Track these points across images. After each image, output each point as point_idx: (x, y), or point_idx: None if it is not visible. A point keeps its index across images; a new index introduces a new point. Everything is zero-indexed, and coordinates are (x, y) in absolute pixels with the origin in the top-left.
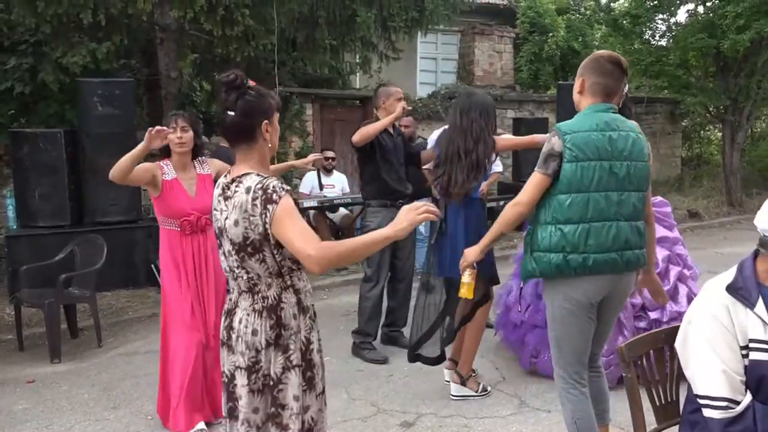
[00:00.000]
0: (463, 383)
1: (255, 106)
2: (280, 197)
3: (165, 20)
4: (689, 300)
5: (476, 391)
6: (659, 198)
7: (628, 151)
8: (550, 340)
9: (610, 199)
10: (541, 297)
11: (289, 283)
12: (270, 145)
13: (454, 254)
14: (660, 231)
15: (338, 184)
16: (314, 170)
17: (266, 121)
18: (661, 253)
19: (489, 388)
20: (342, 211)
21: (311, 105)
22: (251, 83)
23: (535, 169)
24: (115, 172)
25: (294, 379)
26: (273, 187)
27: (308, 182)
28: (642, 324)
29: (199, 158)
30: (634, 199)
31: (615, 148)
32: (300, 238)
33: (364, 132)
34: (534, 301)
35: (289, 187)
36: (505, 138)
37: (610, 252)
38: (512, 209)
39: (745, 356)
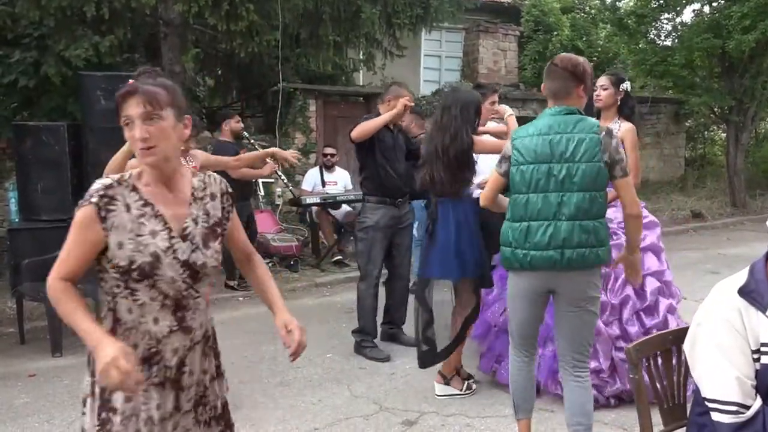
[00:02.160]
0: (447, 383)
1: None
2: (79, 206)
3: (169, 14)
4: None
5: (461, 390)
6: (651, 218)
7: (570, 153)
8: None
9: (549, 200)
10: None
11: (112, 306)
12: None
13: (442, 255)
14: (651, 262)
15: (341, 181)
16: (317, 166)
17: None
18: (651, 285)
19: (474, 386)
20: (345, 207)
21: (314, 101)
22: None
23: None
24: (109, 171)
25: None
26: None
27: (311, 179)
28: (620, 355)
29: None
30: (578, 200)
31: (555, 151)
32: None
33: (363, 128)
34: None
35: (94, 198)
36: (483, 141)
37: (548, 250)
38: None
39: (757, 360)
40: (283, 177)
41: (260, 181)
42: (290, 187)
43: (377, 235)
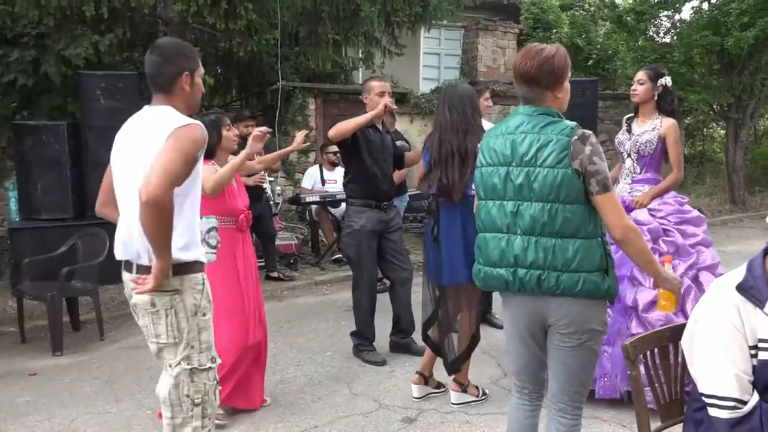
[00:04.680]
0: (465, 390)
1: None
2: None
3: (168, 13)
4: None
5: (477, 396)
6: (696, 212)
7: (531, 156)
8: None
9: (504, 209)
10: None
11: None
12: None
13: (450, 259)
14: (705, 256)
15: (340, 179)
16: (316, 165)
17: None
18: (707, 280)
19: (487, 391)
20: (344, 206)
21: (314, 100)
22: None
23: None
24: (217, 186)
25: None
26: None
27: (310, 177)
28: None
29: None
30: (535, 211)
31: (516, 152)
32: None
33: (340, 128)
34: None
35: None
36: None
37: (499, 268)
38: None
39: (754, 356)
40: (267, 191)
41: (266, 186)
42: (275, 199)
43: (364, 239)
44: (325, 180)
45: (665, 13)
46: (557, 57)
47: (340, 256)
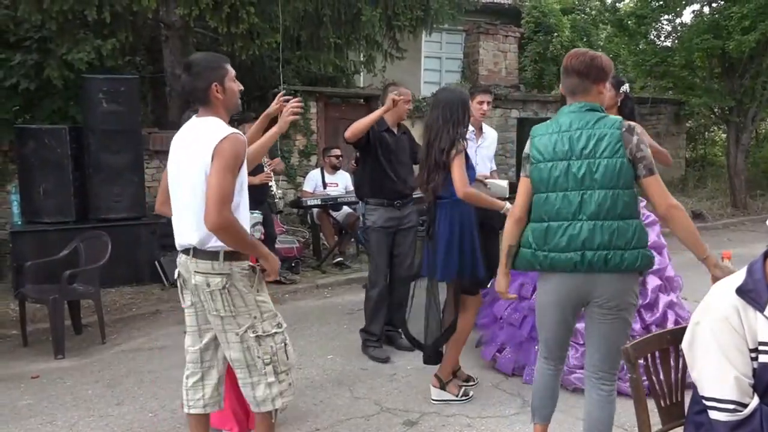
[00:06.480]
0: (443, 387)
1: None
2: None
3: (170, 17)
4: (676, 325)
5: (456, 395)
6: (652, 216)
7: (590, 149)
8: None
9: (569, 199)
10: (522, 298)
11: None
12: None
13: (446, 256)
14: (659, 263)
15: (342, 183)
16: (318, 168)
17: None
18: (652, 282)
19: (471, 393)
20: (345, 209)
21: (315, 103)
22: None
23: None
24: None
25: None
26: None
27: (312, 180)
28: None
29: None
30: (599, 198)
31: (574, 147)
32: None
33: (355, 127)
34: (515, 302)
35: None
36: (475, 193)
37: (568, 252)
38: (508, 220)
39: (754, 359)
40: (273, 188)
41: (272, 184)
42: (281, 198)
43: (375, 236)
44: (327, 183)
45: (666, 16)
46: (604, 58)
47: (341, 259)
